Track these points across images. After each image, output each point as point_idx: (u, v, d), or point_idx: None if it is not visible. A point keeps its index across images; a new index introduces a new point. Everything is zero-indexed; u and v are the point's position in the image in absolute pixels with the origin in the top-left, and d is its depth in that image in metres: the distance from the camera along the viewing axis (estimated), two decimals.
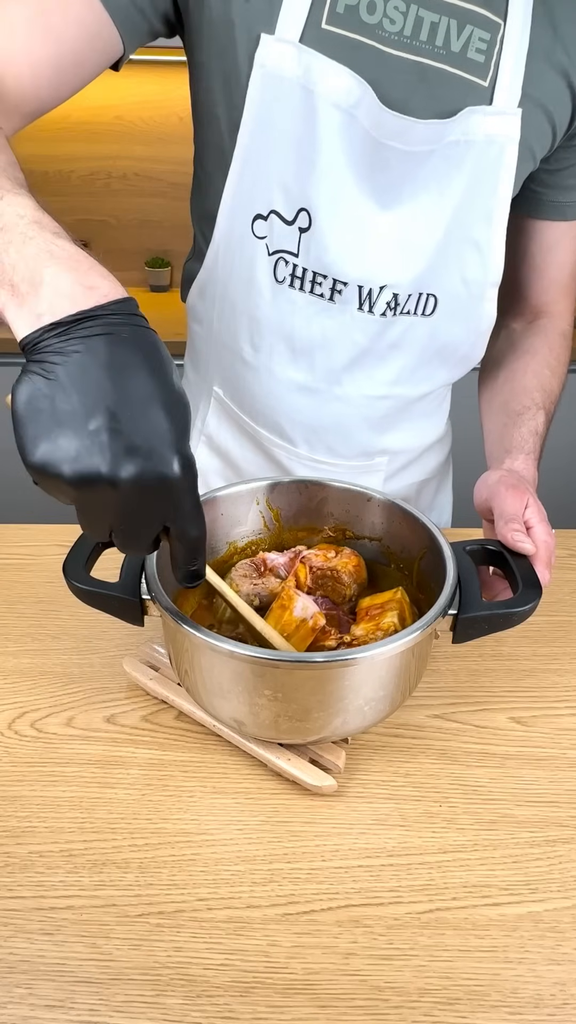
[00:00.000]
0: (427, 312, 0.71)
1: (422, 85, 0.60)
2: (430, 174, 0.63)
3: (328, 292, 0.67)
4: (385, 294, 0.67)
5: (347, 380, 0.73)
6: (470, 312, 0.73)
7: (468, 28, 0.59)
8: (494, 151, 0.63)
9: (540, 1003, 0.41)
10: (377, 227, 0.64)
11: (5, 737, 0.57)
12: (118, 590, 0.51)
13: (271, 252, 0.67)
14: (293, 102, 0.60)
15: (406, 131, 0.60)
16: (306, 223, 0.64)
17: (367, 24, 0.58)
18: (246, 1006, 0.40)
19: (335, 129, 0.60)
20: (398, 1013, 0.40)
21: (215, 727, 0.56)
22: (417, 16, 0.58)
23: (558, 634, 0.71)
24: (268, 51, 0.58)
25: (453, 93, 0.61)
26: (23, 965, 0.42)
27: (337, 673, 0.47)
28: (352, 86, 0.58)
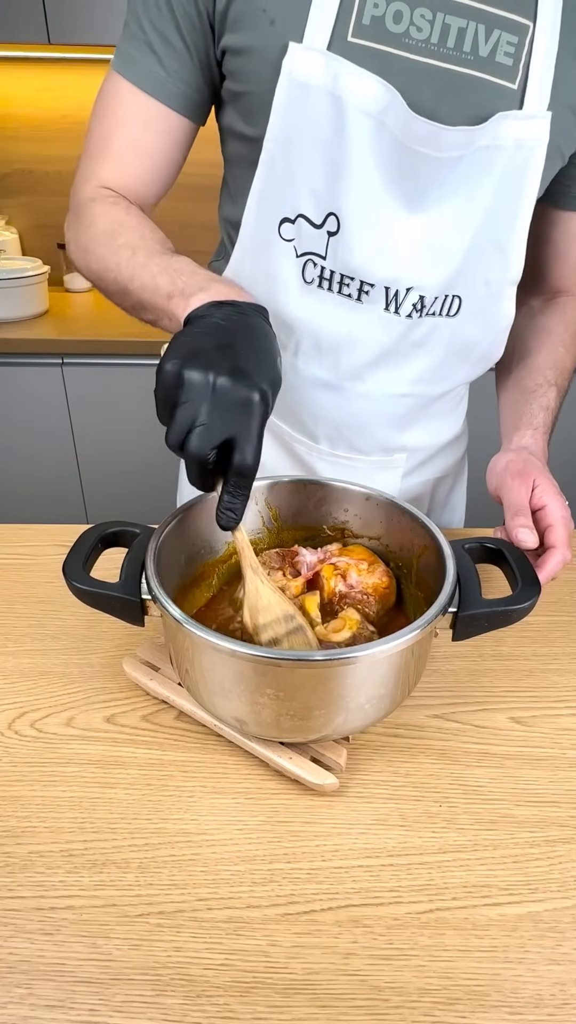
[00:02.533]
0: (451, 313, 0.71)
1: (451, 91, 0.60)
2: (459, 179, 0.63)
3: (355, 293, 0.68)
4: (412, 296, 0.68)
5: (370, 378, 0.74)
6: (490, 311, 0.73)
7: (496, 32, 0.59)
8: (523, 155, 0.63)
9: (540, 1003, 0.41)
10: (405, 230, 0.65)
11: (5, 737, 0.57)
12: (118, 590, 0.51)
13: (299, 254, 0.67)
14: (322, 109, 0.60)
15: (435, 137, 0.59)
16: (335, 227, 0.65)
17: (393, 34, 0.58)
18: (246, 1006, 0.40)
19: (364, 135, 0.60)
20: (398, 1013, 0.40)
21: (216, 726, 0.56)
22: (444, 23, 0.58)
23: (558, 634, 0.71)
24: (296, 59, 0.58)
25: (482, 98, 0.61)
26: (23, 965, 0.42)
27: (338, 671, 0.47)
28: (380, 92, 0.58)
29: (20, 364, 1.78)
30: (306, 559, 0.63)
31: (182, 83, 0.66)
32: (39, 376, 1.80)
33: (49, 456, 1.94)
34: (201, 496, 0.62)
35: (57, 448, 1.93)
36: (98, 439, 1.92)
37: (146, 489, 1.95)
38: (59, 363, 1.78)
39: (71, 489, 2.01)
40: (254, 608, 0.54)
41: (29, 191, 2.12)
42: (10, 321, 1.83)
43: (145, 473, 1.92)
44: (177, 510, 0.59)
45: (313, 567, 0.63)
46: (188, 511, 0.60)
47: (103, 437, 1.92)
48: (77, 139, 2.08)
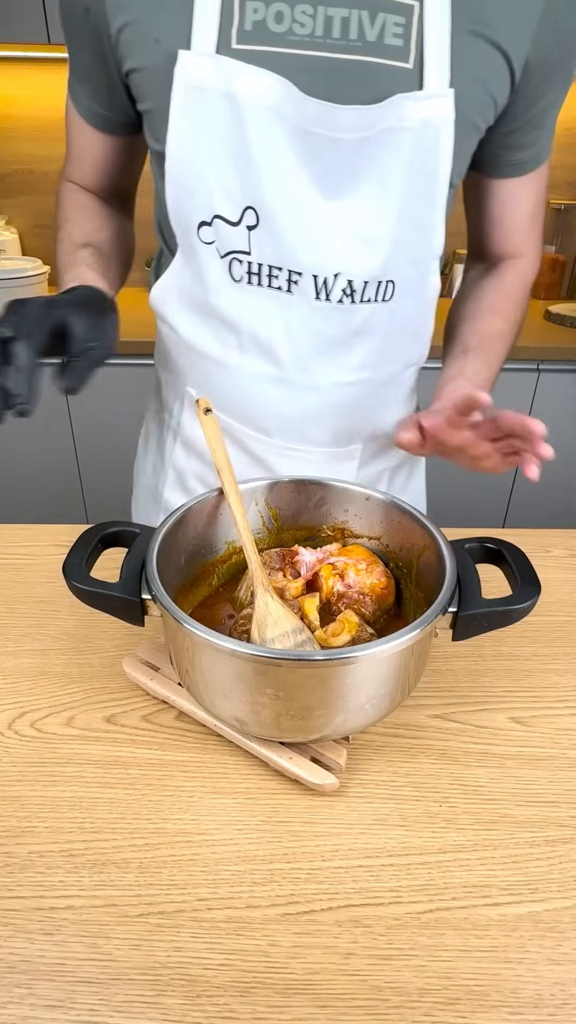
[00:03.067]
0: (387, 298, 0.72)
1: (344, 79, 0.61)
2: (369, 162, 0.64)
3: (285, 284, 0.69)
4: (340, 282, 0.68)
5: (316, 369, 0.74)
6: (419, 289, 0.74)
7: (380, 16, 0.60)
8: (431, 134, 0.64)
9: (540, 1003, 0.41)
10: (324, 217, 0.66)
11: (5, 737, 0.57)
12: (118, 590, 0.51)
13: (223, 255, 0.69)
14: (219, 110, 0.61)
15: (331, 117, 0.60)
16: (253, 221, 0.66)
17: (277, 34, 0.60)
18: (246, 1006, 0.40)
19: (265, 127, 0.61)
20: (398, 1013, 0.40)
21: (216, 726, 0.56)
22: (326, 15, 0.59)
23: (558, 634, 0.71)
24: (186, 65, 0.60)
25: (378, 81, 0.61)
26: (23, 965, 0.42)
27: (338, 671, 0.47)
28: (273, 84, 0.59)
29: None
30: (305, 559, 0.63)
31: (99, 106, 0.72)
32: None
33: (49, 456, 1.94)
34: (201, 496, 0.62)
35: (57, 448, 1.93)
36: (98, 439, 1.92)
37: None
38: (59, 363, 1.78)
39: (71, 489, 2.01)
40: (262, 623, 0.54)
41: (29, 191, 2.12)
42: None
43: None
44: (177, 510, 0.59)
45: (312, 567, 0.63)
46: (188, 511, 0.60)
47: (103, 437, 1.91)
48: None
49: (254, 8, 0.59)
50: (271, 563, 0.64)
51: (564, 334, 1.87)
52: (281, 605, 0.56)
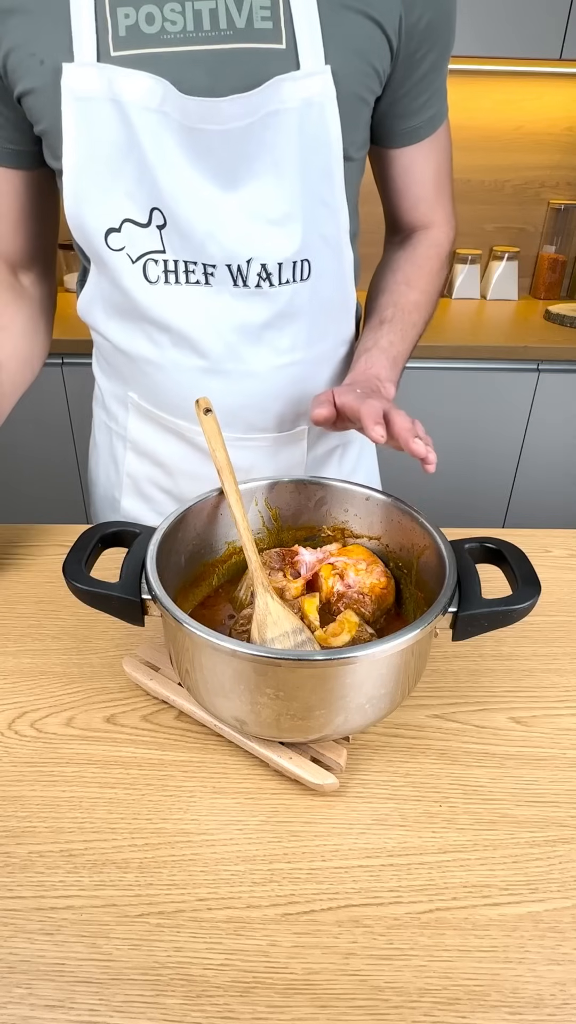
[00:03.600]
0: (305, 277, 0.72)
1: (222, 68, 0.62)
2: (260, 148, 0.64)
3: (203, 278, 0.70)
4: (254, 266, 0.69)
5: (249, 356, 0.75)
6: (334, 266, 0.75)
7: (246, 3, 0.60)
8: (315, 113, 0.64)
9: (540, 1003, 0.41)
10: (227, 206, 0.66)
11: (5, 737, 0.57)
12: (118, 590, 0.51)
13: (135, 259, 0.69)
14: (108, 116, 0.62)
15: (213, 112, 0.61)
16: (162, 220, 0.67)
17: (150, 35, 0.60)
18: (246, 1006, 0.40)
19: (152, 129, 0.62)
20: (398, 1013, 0.40)
21: (216, 726, 0.56)
22: (194, 9, 0.60)
23: (558, 634, 0.71)
24: (71, 76, 0.61)
25: (255, 66, 0.62)
26: (23, 965, 0.42)
27: (338, 671, 0.47)
28: (152, 86, 0.60)
29: None
30: (305, 559, 0.63)
31: (8, 142, 0.70)
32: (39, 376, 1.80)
33: (49, 456, 1.94)
34: (201, 496, 0.62)
35: (57, 448, 1.93)
36: None
37: None
38: (59, 363, 1.78)
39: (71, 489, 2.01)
40: (262, 623, 0.54)
41: None
42: None
43: None
44: (177, 510, 0.59)
45: (312, 567, 0.63)
46: (188, 511, 0.60)
47: None
48: None
49: (125, 13, 0.60)
50: (271, 563, 0.64)
51: (564, 334, 1.87)
52: (281, 605, 0.56)
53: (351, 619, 0.56)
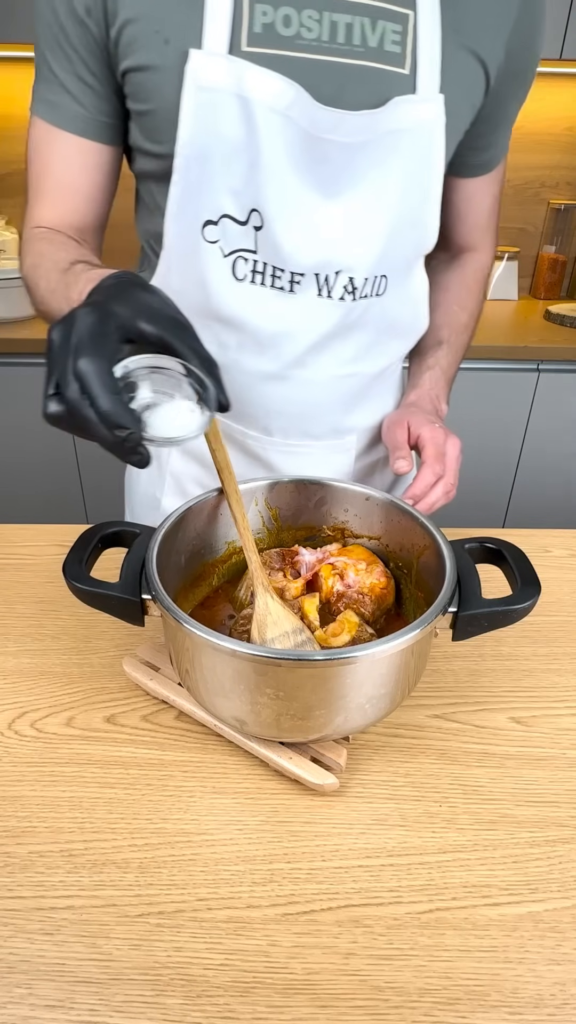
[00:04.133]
0: (380, 293, 0.74)
1: (349, 82, 0.63)
2: (369, 163, 0.66)
3: (288, 284, 0.70)
4: (342, 279, 0.70)
5: (312, 363, 0.75)
6: (408, 285, 0.77)
7: (380, 23, 0.62)
8: (424, 135, 0.67)
9: (540, 1003, 0.41)
10: (325, 217, 0.67)
11: (5, 737, 0.57)
12: (118, 590, 0.51)
13: (227, 253, 0.69)
14: (230, 111, 0.62)
15: (340, 124, 0.62)
16: (259, 222, 0.67)
17: (285, 37, 0.61)
18: (246, 1006, 0.40)
19: (274, 131, 0.62)
20: (398, 1013, 0.40)
21: (216, 726, 0.56)
22: (331, 21, 0.61)
23: (558, 634, 0.71)
24: (198, 65, 0.60)
25: (378, 85, 0.63)
26: (23, 965, 0.42)
27: (338, 671, 0.47)
28: (284, 89, 0.60)
29: (20, 364, 1.78)
30: (305, 559, 0.63)
31: (101, 113, 0.69)
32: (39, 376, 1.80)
33: (49, 456, 1.94)
34: (201, 496, 0.62)
35: (57, 448, 1.93)
36: None
37: None
38: None
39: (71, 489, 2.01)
40: (262, 623, 0.55)
41: None
42: (10, 321, 1.83)
43: None
44: (177, 510, 0.59)
45: (312, 567, 0.63)
46: (188, 511, 0.60)
47: None
48: None
49: (263, 11, 0.60)
50: (271, 563, 0.64)
51: (564, 334, 1.87)
52: (281, 605, 0.56)
53: (351, 619, 0.56)
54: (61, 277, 0.64)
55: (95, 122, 0.69)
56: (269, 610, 0.55)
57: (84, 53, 0.65)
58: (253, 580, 0.57)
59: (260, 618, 0.55)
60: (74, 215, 0.74)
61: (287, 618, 0.55)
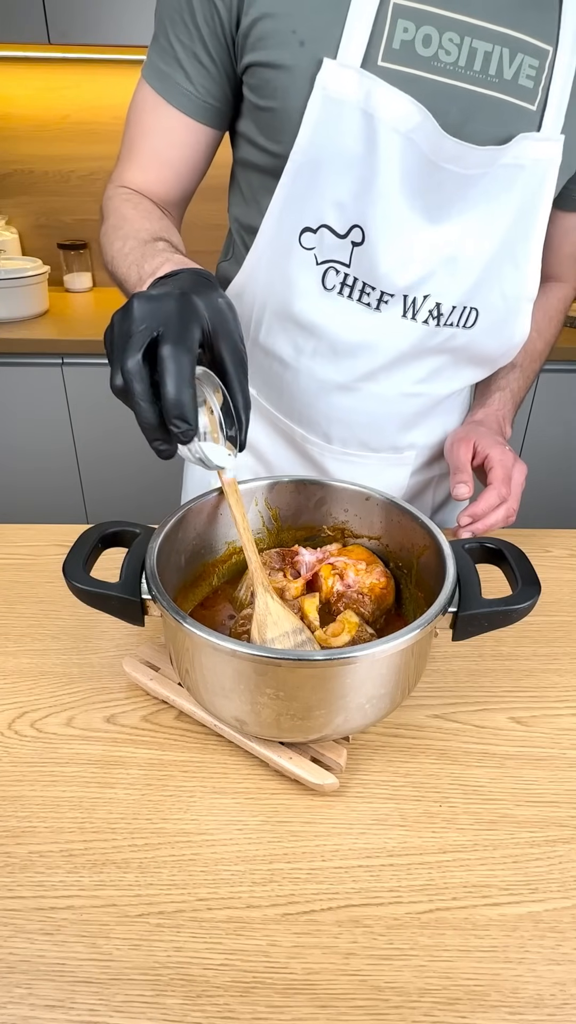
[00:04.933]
0: (468, 325, 0.73)
1: (477, 112, 0.62)
2: (480, 195, 0.65)
3: (375, 302, 0.70)
4: (428, 303, 0.70)
5: (383, 378, 0.75)
6: (506, 326, 0.76)
7: (519, 56, 0.61)
8: (539, 174, 0.66)
9: (540, 1003, 0.41)
10: (426, 241, 0.67)
11: (5, 737, 0.57)
12: (118, 590, 0.51)
13: (320, 262, 0.69)
14: (354, 125, 0.61)
15: (464, 156, 0.62)
16: (359, 238, 0.66)
17: (423, 57, 0.60)
18: (246, 1006, 0.40)
19: (395, 152, 0.61)
20: (398, 1013, 0.40)
21: (216, 726, 0.56)
22: (471, 47, 0.60)
23: (558, 634, 0.71)
24: (330, 76, 0.59)
25: (505, 119, 0.63)
26: (23, 965, 0.42)
27: (338, 671, 0.47)
28: (412, 112, 0.59)
29: (20, 364, 1.78)
30: (305, 559, 0.63)
31: (210, 96, 0.68)
32: (39, 376, 1.80)
33: (49, 456, 1.94)
34: (201, 496, 0.62)
35: (57, 448, 1.93)
36: (98, 439, 1.92)
37: (146, 489, 1.95)
38: (59, 363, 1.78)
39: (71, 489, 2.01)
40: (262, 623, 0.55)
41: (29, 191, 2.12)
42: (10, 321, 1.83)
43: (145, 473, 1.92)
44: (177, 510, 0.59)
45: (312, 567, 0.63)
46: (188, 511, 0.60)
47: (103, 437, 1.92)
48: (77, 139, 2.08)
49: (404, 27, 0.59)
50: (271, 563, 0.64)
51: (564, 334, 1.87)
52: (281, 605, 0.56)
53: (351, 619, 0.56)
54: (140, 247, 0.62)
55: (202, 104, 0.68)
56: (269, 610, 0.55)
57: (207, 33, 0.63)
58: (253, 580, 0.57)
59: (260, 618, 0.55)
60: (161, 186, 0.73)
61: (287, 618, 0.55)
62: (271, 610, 0.55)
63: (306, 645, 0.54)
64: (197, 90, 0.67)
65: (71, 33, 1.66)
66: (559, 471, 1.99)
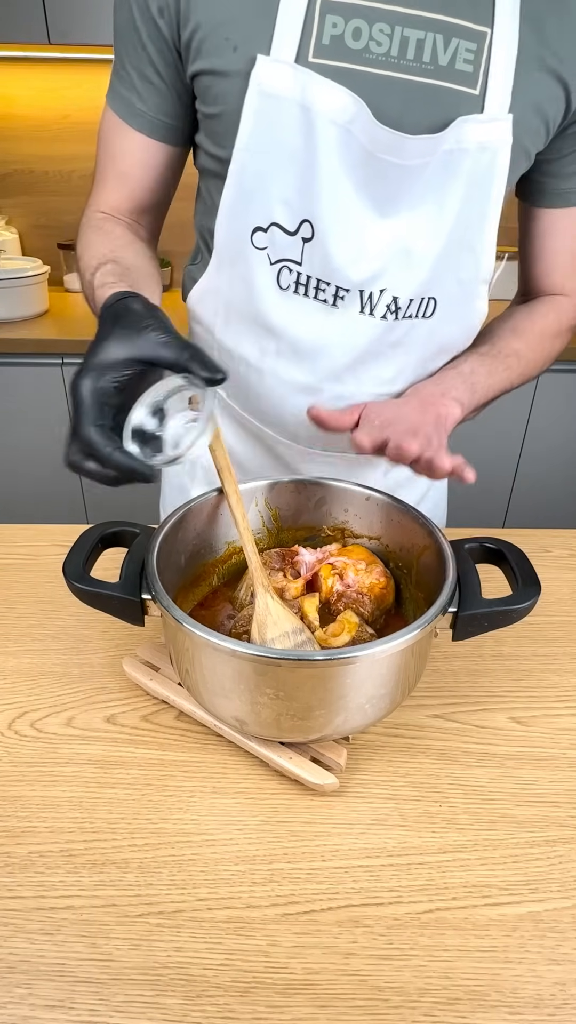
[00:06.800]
0: (427, 315, 0.72)
1: (414, 101, 0.61)
2: (427, 184, 0.64)
3: (331, 298, 0.69)
4: (385, 297, 0.69)
5: (349, 378, 0.74)
6: (464, 310, 0.75)
7: (454, 41, 0.60)
8: (487, 157, 0.64)
9: (540, 1003, 0.41)
10: (377, 235, 0.66)
11: (5, 737, 0.57)
12: (118, 590, 0.51)
13: (273, 261, 0.68)
14: (291, 120, 0.61)
15: (399, 146, 0.61)
16: (309, 233, 0.66)
17: (354, 50, 0.60)
18: (246, 1006, 0.40)
19: (333, 144, 0.61)
20: (398, 1013, 0.40)
21: (216, 726, 0.56)
22: (403, 36, 0.59)
23: (558, 634, 0.71)
24: (264, 71, 0.60)
25: (445, 105, 0.62)
26: (23, 965, 0.42)
27: (338, 671, 0.47)
28: (348, 103, 0.59)
29: (20, 364, 1.78)
30: (305, 559, 0.63)
31: (162, 114, 0.69)
32: (39, 376, 1.80)
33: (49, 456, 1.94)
34: (201, 496, 0.62)
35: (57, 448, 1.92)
36: None
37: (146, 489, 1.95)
38: (59, 363, 1.78)
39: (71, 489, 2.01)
40: (262, 623, 0.55)
41: (29, 191, 2.12)
42: (10, 321, 1.83)
43: None
44: (177, 510, 0.59)
45: (312, 567, 0.63)
46: (188, 511, 0.60)
47: None
48: (77, 139, 2.08)
49: (333, 22, 0.59)
50: (271, 563, 0.64)
51: None
52: (281, 605, 0.56)
53: (351, 619, 0.56)
54: (90, 280, 0.65)
55: (156, 122, 0.70)
56: (269, 610, 0.55)
57: (153, 52, 0.65)
58: (253, 580, 0.57)
59: (260, 618, 0.55)
60: (131, 202, 0.76)
61: (287, 618, 0.55)
62: (271, 610, 0.55)
63: (306, 645, 0.54)
64: (150, 109, 0.69)
65: (71, 33, 1.66)
66: (559, 471, 1.99)
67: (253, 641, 0.54)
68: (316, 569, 0.62)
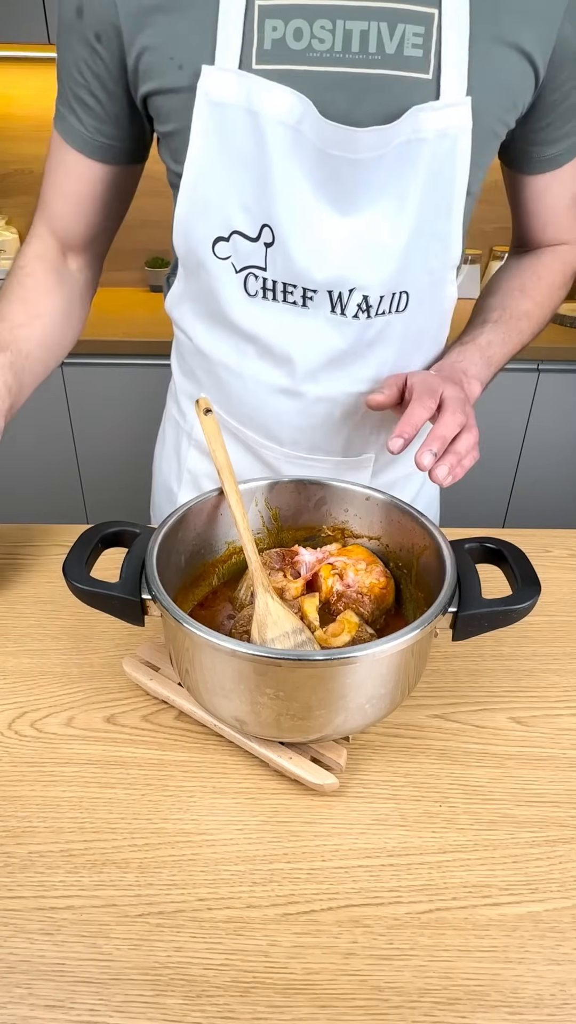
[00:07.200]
0: (400, 309, 0.72)
1: (364, 94, 0.60)
2: (385, 178, 0.63)
3: (300, 300, 0.69)
4: (355, 296, 0.68)
5: (326, 379, 0.74)
6: (435, 298, 0.74)
7: (400, 27, 0.58)
8: (447, 144, 0.63)
9: (540, 1003, 0.41)
10: (339, 233, 0.65)
11: (5, 737, 0.57)
12: (118, 590, 0.51)
13: (239, 269, 0.68)
14: (240, 125, 0.61)
15: (350, 140, 0.60)
16: (270, 238, 0.66)
17: (296, 51, 0.59)
18: (246, 1006, 0.40)
19: (284, 145, 0.61)
20: (398, 1013, 0.40)
21: (216, 726, 0.56)
22: (345, 30, 0.58)
23: (558, 634, 0.71)
24: (209, 80, 0.60)
25: (397, 94, 0.60)
26: (23, 965, 0.42)
27: (338, 671, 0.47)
28: (293, 103, 0.59)
29: None
30: (305, 559, 0.63)
31: (99, 135, 0.70)
32: None
33: (49, 456, 1.94)
34: (201, 496, 0.62)
35: (57, 448, 1.93)
36: (98, 439, 1.92)
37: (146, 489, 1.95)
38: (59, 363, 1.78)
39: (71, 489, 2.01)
40: (262, 623, 0.55)
41: (29, 191, 2.12)
42: None
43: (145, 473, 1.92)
44: (177, 510, 0.59)
45: (312, 567, 0.63)
46: (188, 511, 0.60)
47: (103, 437, 1.91)
48: None
49: (273, 26, 0.58)
50: (271, 563, 0.64)
51: (564, 334, 1.87)
52: (281, 605, 0.56)
53: (351, 619, 0.56)
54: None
55: (93, 142, 0.71)
56: (269, 610, 0.55)
57: (90, 76, 0.65)
58: (253, 580, 0.57)
59: (260, 618, 0.55)
60: (64, 221, 0.77)
61: (287, 618, 0.55)
62: (271, 610, 0.55)
63: (306, 645, 0.54)
64: (87, 129, 0.70)
65: None
66: (559, 471, 1.99)
67: (253, 641, 0.54)
68: (316, 569, 0.62)
